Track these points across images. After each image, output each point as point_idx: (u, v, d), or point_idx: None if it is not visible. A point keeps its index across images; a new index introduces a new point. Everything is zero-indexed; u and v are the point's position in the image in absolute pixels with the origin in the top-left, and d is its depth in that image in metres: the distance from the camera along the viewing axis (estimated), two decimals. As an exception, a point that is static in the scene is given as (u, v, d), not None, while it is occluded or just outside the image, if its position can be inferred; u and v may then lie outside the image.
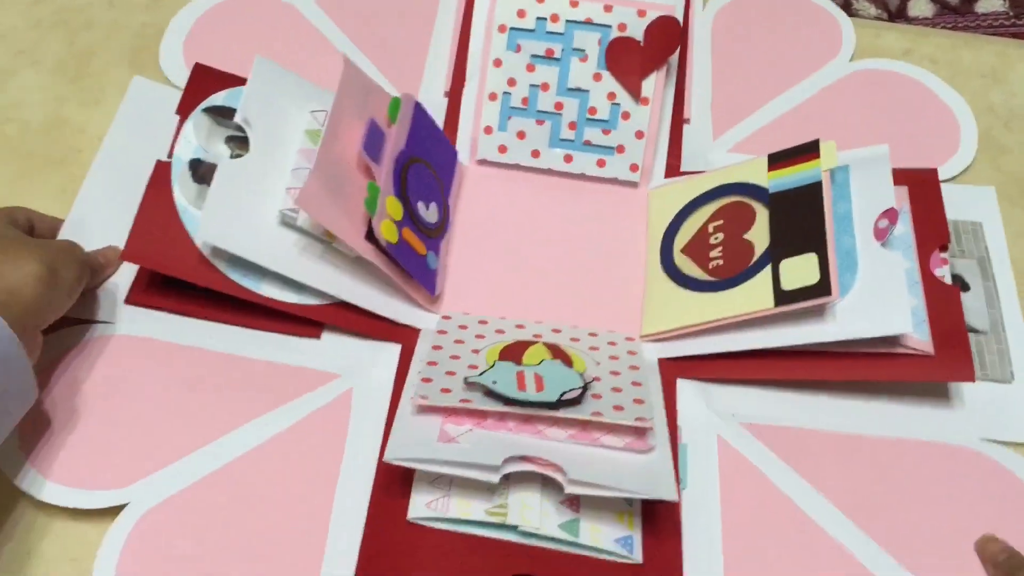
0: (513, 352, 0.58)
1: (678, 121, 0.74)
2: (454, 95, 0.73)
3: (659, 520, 0.56)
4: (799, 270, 0.60)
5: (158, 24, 0.78)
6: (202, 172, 0.64)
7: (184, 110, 0.65)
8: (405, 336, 0.63)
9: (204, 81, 0.67)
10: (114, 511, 0.56)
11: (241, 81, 0.66)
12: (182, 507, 0.56)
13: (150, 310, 0.64)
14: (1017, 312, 0.67)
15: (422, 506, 0.54)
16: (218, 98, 0.66)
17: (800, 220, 0.62)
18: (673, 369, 0.63)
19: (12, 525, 0.56)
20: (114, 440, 0.58)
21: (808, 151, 0.64)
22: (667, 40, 0.70)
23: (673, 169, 0.72)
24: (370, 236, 0.61)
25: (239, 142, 0.65)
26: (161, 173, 0.63)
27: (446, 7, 0.80)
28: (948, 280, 0.64)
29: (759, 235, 0.64)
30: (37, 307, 0.55)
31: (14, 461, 0.57)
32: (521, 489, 0.54)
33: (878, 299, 0.60)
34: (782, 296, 0.60)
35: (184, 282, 0.62)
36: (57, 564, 0.55)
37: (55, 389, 0.60)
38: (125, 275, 0.64)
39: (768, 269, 0.62)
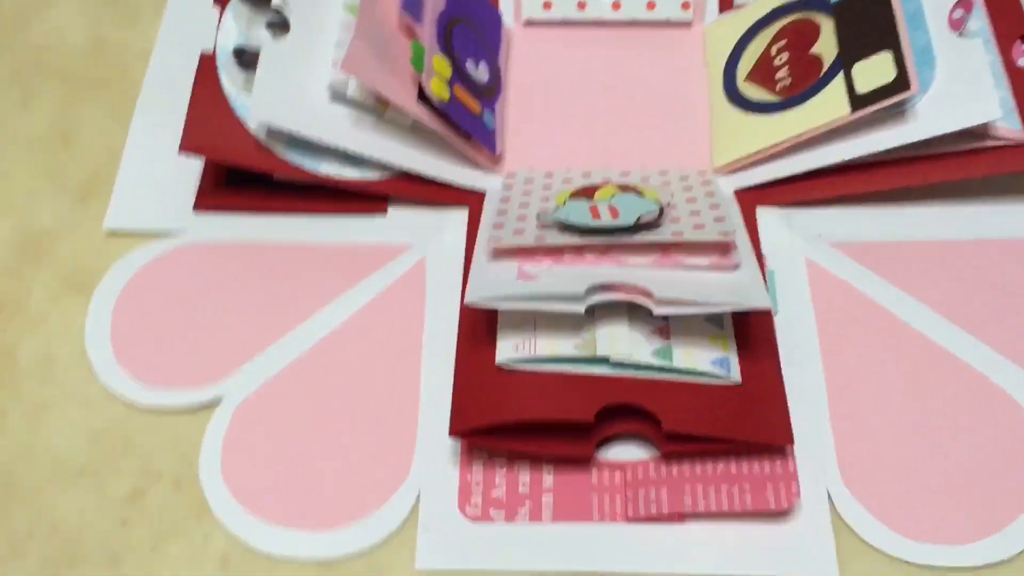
0: (584, 193, 0.56)
1: (729, -47, 0.71)
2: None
3: (754, 341, 0.54)
4: (873, 71, 0.57)
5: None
6: (247, 59, 0.63)
7: (222, 0, 0.64)
8: (471, 200, 0.62)
9: (238, -27, 0.66)
10: (210, 408, 0.56)
11: (275, -31, 0.64)
12: (275, 395, 0.56)
13: (217, 214, 0.63)
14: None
15: (509, 349, 0.53)
16: (253, -14, 0.65)
17: (869, 22, 0.59)
18: (751, 199, 0.61)
19: (116, 430, 0.56)
20: (200, 340, 0.58)
21: (869, -48, 0.61)
22: None
23: (727, 3, 0.69)
24: (422, 97, 0.59)
25: (279, 26, 0.64)
26: (207, 65, 0.62)
27: None
28: (1034, 69, 0.60)
29: (827, 47, 0.61)
30: None
31: (111, 373, 0.57)
32: (608, 322, 0.53)
33: (962, 90, 0.57)
34: (858, 100, 0.57)
35: (247, 180, 0.61)
36: (165, 462, 0.55)
37: (137, 305, 0.59)
38: (189, 183, 0.64)
39: (840, 77, 0.59)
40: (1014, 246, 0.58)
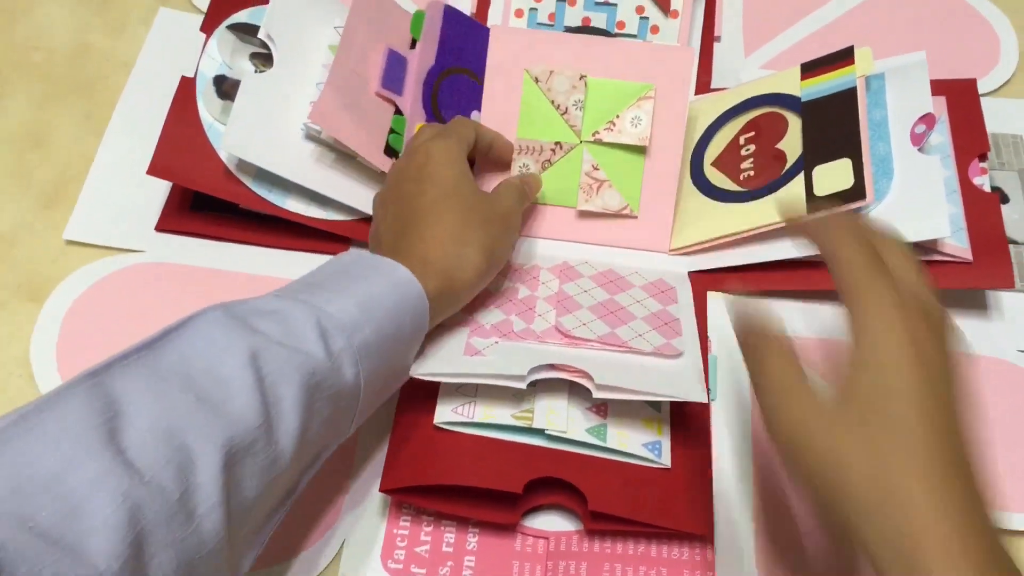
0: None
1: (708, 38, 0.72)
2: (481, 13, 0.72)
3: (689, 428, 0.55)
4: (833, 175, 0.59)
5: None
6: (227, 88, 0.63)
7: (209, 28, 0.65)
8: (432, 251, 0.63)
9: (228, 0, 0.67)
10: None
11: (264, 0, 0.65)
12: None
13: (179, 236, 0.63)
14: (1059, 224, 0.65)
15: (448, 412, 0.53)
16: (242, 15, 0.66)
17: (834, 127, 0.61)
18: (704, 282, 0.62)
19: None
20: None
21: (842, 58, 0.63)
22: (696, -48, 0.69)
23: (704, 86, 0.71)
24: (389, 150, 0.60)
25: (263, 58, 0.65)
26: (186, 89, 0.63)
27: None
28: (987, 189, 0.62)
29: (791, 144, 0.62)
30: (460, 298, 0.54)
31: (51, 382, 0.57)
32: (548, 395, 0.54)
33: (915, 204, 0.58)
34: (815, 202, 0.59)
35: (212, 207, 0.62)
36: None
37: (87, 319, 0.60)
38: (154, 203, 0.64)
39: (801, 176, 0.60)
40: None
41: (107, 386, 0.40)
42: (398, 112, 0.62)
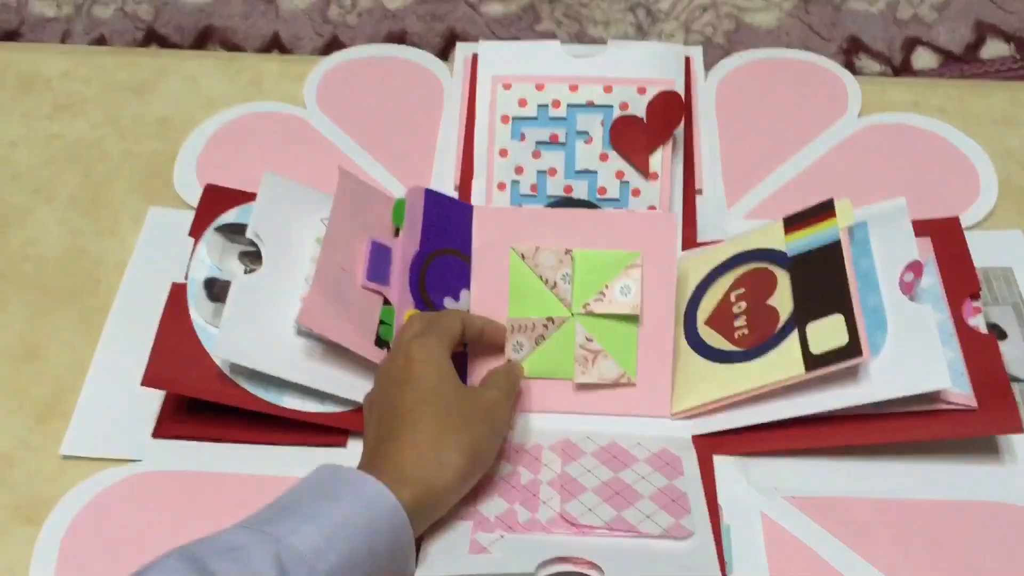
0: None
1: (690, 193, 0.73)
2: (464, 189, 0.73)
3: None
4: (827, 332, 0.59)
5: (170, 150, 0.79)
6: (217, 290, 0.64)
7: (197, 231, 0.66)
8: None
9: (215, 200, 0.68)
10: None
11: (252, 197, 0.66)
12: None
13: (177, 441, 0.63)
14: (1060, 356, 0.65)
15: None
16: (229, 216, 0.67)
17: (822, 281, 0.61)
18: (708, 445, 0.62)
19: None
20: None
21: (823, 211, 0.63)
22: (670, 114, 0.70)
23: (689, 240, 0.71)
24: (380, 341, 0.61)
25: (252, 257, 0.66)
26: (177, 295, 0.63)
27: (451, 104, 0.81)
28: (983, 329, 0.62)
29: (782, 300, 0.63)
30: (443, 502, 0.54)
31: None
32: (559, 587, 0.53)
33: (911, 355, 0.58)
34: (812, 361, 0.59)
35: (208, 408, 0.61)
36: None
37: (86, 539, 0.58)
38: (150, 409, 0.64)
39: (795, 334, 0.60)
40: (962, 507, 0.59)
41: None
42: (387, 303, 0.63)
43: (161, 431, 0.63)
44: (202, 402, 0.62)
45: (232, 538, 0.47)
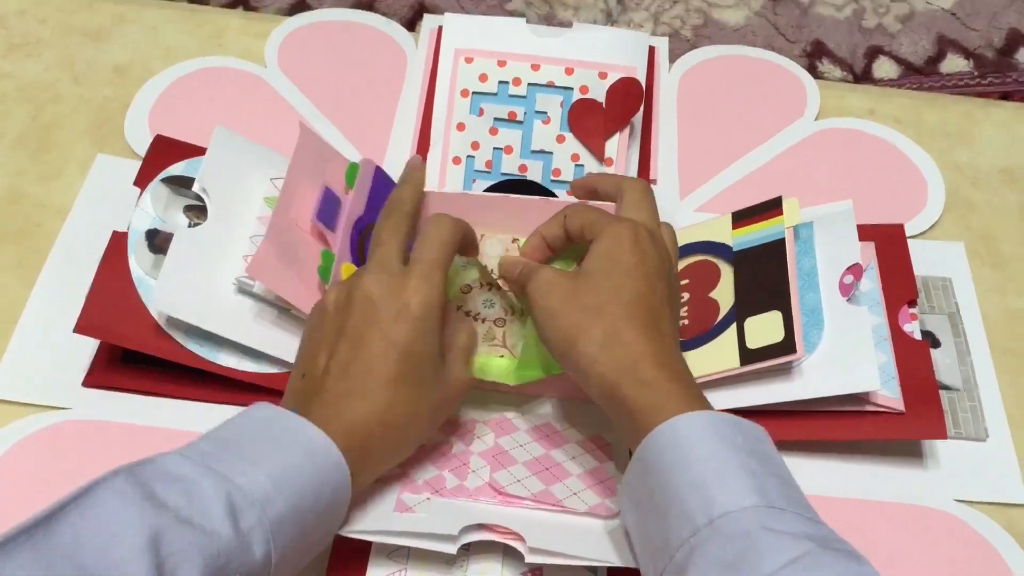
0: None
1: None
2: (418, 161, 0.73)
3: (627, 590, 0.54)
4: (764, 328, 0.60)
5: (123, 98, 0.78)
6: (159, 242, 0.63)
7: (143, 181, 0.65)
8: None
9: (164, 152, 0.67)
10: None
11: (202, 151, 0.65)
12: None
13: (108, 391, 0.62)
14: (990, 368, 0.66)
15: (380, 578, 0.52)
16: (177, 168, 0.66)
17: (764, 278, 0.62)
18: (641, 433, 0.62)
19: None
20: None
21: (771, 208, 0.64)
22: (629, 101, 0.71)
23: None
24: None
25: (197, 211, 0.65)
26: (117, 244, 0.62)
27: (412, 75, 0.80)
28: (918, 336, 0.63)
29: (724, 294, 0.63)
30: (381, 469, 0.53)
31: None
32: (482, 559, 0.53)
33: (845, 356, 0.59)
34: (747, 355, 0.59)
35: (142, 360, 0.61)
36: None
37: (9, 482, 0.58)
38: (83, 357, 0.63)
39: (734, 328, 0.61)
40: (883, 508, 0.60)
41: None
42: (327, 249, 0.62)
43: (92, 380, 0.62)
44: (136, 354, 0.61)
45: (175, 466, 0.46)
